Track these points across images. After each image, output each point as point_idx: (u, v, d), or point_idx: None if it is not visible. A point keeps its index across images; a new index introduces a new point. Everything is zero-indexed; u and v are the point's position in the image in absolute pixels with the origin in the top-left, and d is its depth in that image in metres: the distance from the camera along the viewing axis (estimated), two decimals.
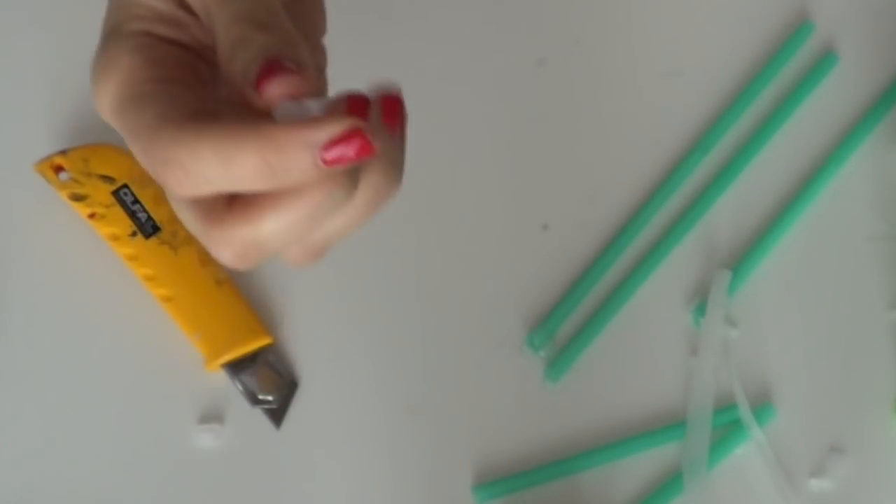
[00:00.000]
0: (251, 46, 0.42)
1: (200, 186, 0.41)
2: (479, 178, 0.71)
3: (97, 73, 0.45)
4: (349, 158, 0.40)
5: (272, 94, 0.41)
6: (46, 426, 0.66)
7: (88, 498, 0.65)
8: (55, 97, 0.72)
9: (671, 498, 0.65)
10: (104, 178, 0.69)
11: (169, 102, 0.43)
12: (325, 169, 0.40)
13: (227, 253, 0.43)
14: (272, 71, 0.41)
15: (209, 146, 0.40)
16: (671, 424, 0.67)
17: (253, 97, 0.42)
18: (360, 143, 0.40)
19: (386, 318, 0.69)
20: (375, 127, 0.42)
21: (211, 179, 0.41)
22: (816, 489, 0.66)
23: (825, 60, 0.74)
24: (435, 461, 0.66)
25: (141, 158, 0.43)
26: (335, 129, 0.40)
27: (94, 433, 0.66)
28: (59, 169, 0.69)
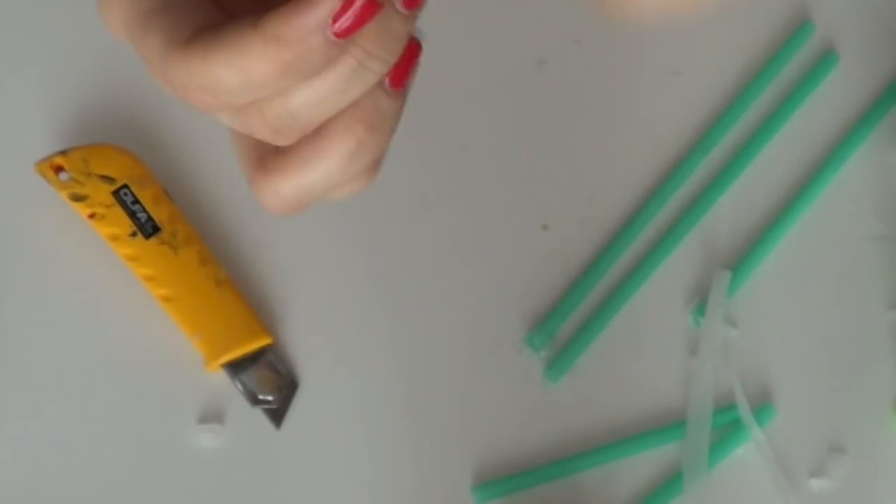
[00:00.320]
0: None
1: (229, 101, 0.41)
2: (479, 178, 0.71)
3: None
4: (359, 22, 0.39)
5: None
6: (46, 426, 0.66)
7: (88, 498, 0.65)
8: (55, 97, 0.72)
9: (671, 498, 0.65)
10: (104, 178, 0.69)
11: (174, 23, 0.42)
12: (342, 42, 0.39)
13: (270, 200, 0.43)
14: None
15: (221, 63, 0.40)
16: (671, 424, 0.67)
17: None
18: (363, 2, 0.39)
19: (386, 318, 0.69)
20: None
21: (236, 92, 0.40)
22: (816, 489, 0.66)
23: (825, 60, 0.74)
24: (435, 461, 0.66)
25: (162, 86, 0.42)
26: (333, 1, 0.39)
27: (93, 433, 0.66)
28: (59, 169, 0.69)
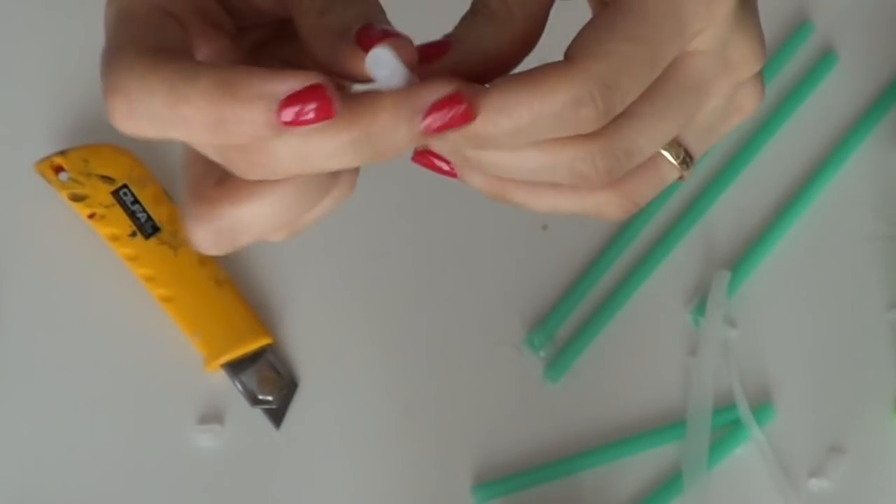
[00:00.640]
0: (351, 6, 0.40)
1: (142, 123, 0.38)
2: None
3: None
4: (308, 121, 0.37)
5: (381, 56, 0.38)
6: (46, 426, 0.66)
7: (88, 498, 0.65)
8: (55, 97, 0.72)
9: (671, 498, 0.65)
10: (104, 178, 0.69)
11: (152, 31, 0.40)
12: (279, 128, 0.37)
13: (201, 233, 0.41)
14: (380, 33, 0.39)
15: (162, 81, 0.37)
16: (671, 424, 0.67)
17: (341, 57, 0.39)
18: (319, 102, 0.37)
19: (386, 318, 0.69)
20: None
21: (154, 116, 0.38)
22: (816, 489, 0.66)
23: (825, 60, 0.74)
24: (435, 461, 0.66)
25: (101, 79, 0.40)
26: (295, 83, 0.37)
27: (94, 433, 0.66)
28: (59, 169, 0.69)
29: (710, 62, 0.42)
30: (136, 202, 0.68)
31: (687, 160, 0.44)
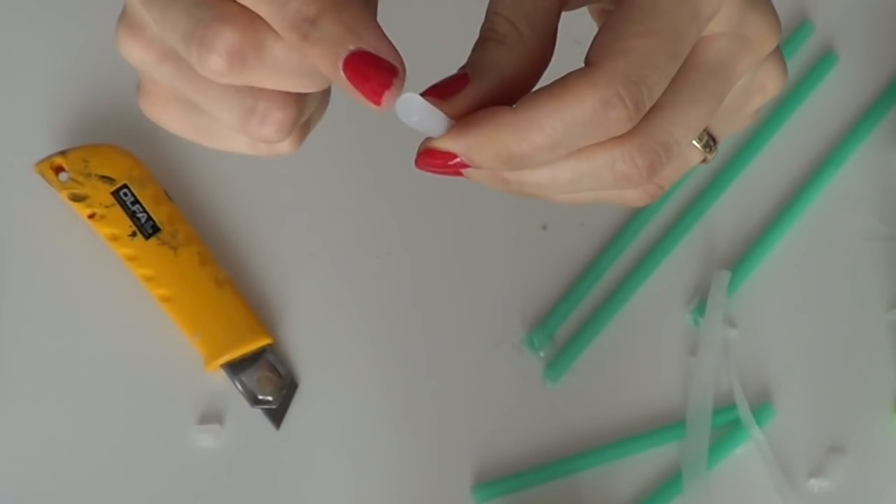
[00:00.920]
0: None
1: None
2: None
3: None
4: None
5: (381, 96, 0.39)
6: (46, 426, 0.66)
7: (88, 498, 0.65)
8: (55, 97, 0.72)
9: (671, 498, 0.65)
10: (104, 178, 0.69)
11: None
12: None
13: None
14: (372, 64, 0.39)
15: None
16: (671, 424, 0.67)
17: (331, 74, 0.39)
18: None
19: (385, 318, 0.69)
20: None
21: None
22: (816, 489, 0.66)
23: (824, 60, 0.74)
24: (434, 461, 0.66)
25: None
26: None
27: (94, 433, 0.66)
28: (59, 169, 0.69)
29: (728, 43, 0.42)
30: (136, 202, 0.68)
31: (710, 143, 0.44)
